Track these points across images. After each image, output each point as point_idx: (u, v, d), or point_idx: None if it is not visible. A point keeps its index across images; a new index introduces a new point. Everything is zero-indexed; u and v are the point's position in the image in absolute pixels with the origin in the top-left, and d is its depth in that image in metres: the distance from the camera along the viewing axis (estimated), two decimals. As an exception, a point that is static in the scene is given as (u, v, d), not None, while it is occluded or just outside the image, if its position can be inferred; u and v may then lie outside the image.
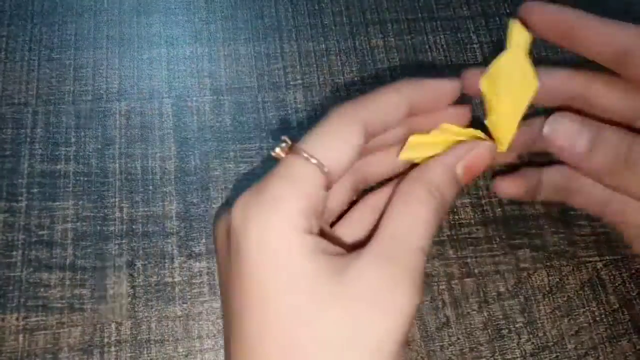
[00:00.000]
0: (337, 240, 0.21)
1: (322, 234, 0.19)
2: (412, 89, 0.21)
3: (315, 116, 0.30)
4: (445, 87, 0.22)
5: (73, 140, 0.28)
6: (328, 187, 0.19)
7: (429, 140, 0.22)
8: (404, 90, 0.20)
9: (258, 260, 0.17)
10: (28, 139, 0.28)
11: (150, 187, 0.27)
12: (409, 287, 0.17)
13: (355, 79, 0.31)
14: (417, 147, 0.22)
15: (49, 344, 0.24)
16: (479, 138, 0.22)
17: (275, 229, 0.17)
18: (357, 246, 0.19)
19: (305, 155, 0.18)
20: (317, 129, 0.19)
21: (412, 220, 0.19)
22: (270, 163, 0.19)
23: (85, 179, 0.27)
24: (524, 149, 0.25)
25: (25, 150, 0.28)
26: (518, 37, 0.21)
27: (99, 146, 0.28)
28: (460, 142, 0.22)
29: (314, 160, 0.18)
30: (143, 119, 0.29)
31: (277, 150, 0.19)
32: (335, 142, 0.19)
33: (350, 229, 0.22)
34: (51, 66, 0.30)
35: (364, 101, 0.20)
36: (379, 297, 0.17)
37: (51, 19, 0.31)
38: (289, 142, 0.19)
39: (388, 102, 0.20)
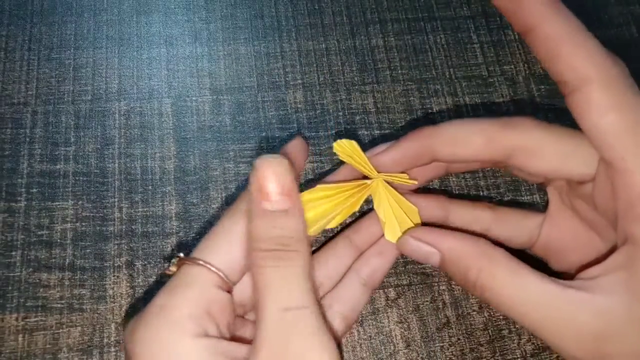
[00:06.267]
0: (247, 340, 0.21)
1: (234, 337, 0.19)
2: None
3: (315, 115, 0.29)
4: (295, 149, 0.22)
5: (72, 140, 0.28)
6: (229, 288, 0.19)
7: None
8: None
9: None
10: (27, 139, 0.28)
11: (150, 187, 0.27)
12: None
13: (355, 78, 0.31)
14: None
15: (49, 344, 0.24)
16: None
17: (163, 338, 0.17)
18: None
19: (198, 262, 0.18)
20: (210, 233, 0.20)
21: (263, 295, 0.19)
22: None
23: (85, 179, 0.27)
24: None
25: (24, 150, 0.28)
26: (344, 148, 0.22)
27: (99, 146, 0.28)
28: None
29: (201, 262, 0.18)
30: (142, 118, 0.29)
31: (170, 267, 0.19)
32: (227, 243, 0.19)
33: None
34: (51, 66, 0.30)
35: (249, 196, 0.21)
36: None
37: (51, 19, 0.31)
38: (181, 255, 0.19)
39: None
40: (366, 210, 0.26)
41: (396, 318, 0.26)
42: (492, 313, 0.26)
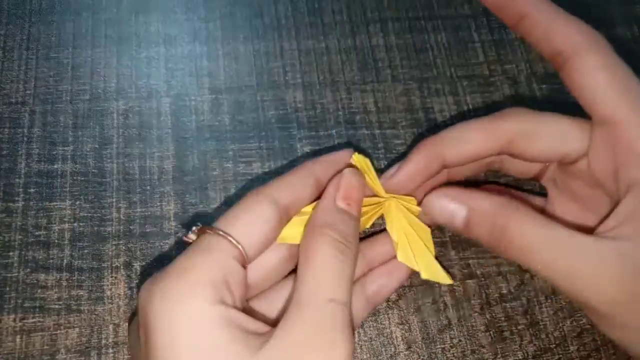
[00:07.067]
0: (261, 316, 0.21)
1: (246, 310, 0.19)
2: (320, 167, 0.22)
3: (315, 115, 0.29)
4: (342, 159, 0.23)
5: (70, 139, 0.28)
6: (245, 263, 0.19)
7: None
8: (313, 170, 0.22)
9: (167, 333, 0.17)
10: (25, 139, 0.28)
11: (148, 187, 0.27)
12: (329, 346, 0.17)
13: (356, 77, 0.30)
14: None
15: (46, 346, 0.24)
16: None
17: (183, 301, 0.17)
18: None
19: (219, 232, 0.19)
20: (231, 210, 0.20)
21: (315, 279, 0.19)
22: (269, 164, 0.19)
23: (83, 178, 0.27)
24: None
25: (22, 150, 0.28)
26: (361, 163, 0.23)
27: (97, 146, 0.28)
28: None
29: (221, 233, 0.19)
30: (141, 118, 0.29)
31: (190, 234, 0.20)
32: (248, 220, 0.19)
33: (282, 302, 0.22)
34: (49, 65, 0.30)
35: (277, 183, 0.21)
36: None
37: (49, 18, 0.31)
38: (200, 225, 0.20)
39: (299, 182, 0.22)
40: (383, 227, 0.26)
41: (397, 319, 0.25)
42: (493, 314, 0.26)
